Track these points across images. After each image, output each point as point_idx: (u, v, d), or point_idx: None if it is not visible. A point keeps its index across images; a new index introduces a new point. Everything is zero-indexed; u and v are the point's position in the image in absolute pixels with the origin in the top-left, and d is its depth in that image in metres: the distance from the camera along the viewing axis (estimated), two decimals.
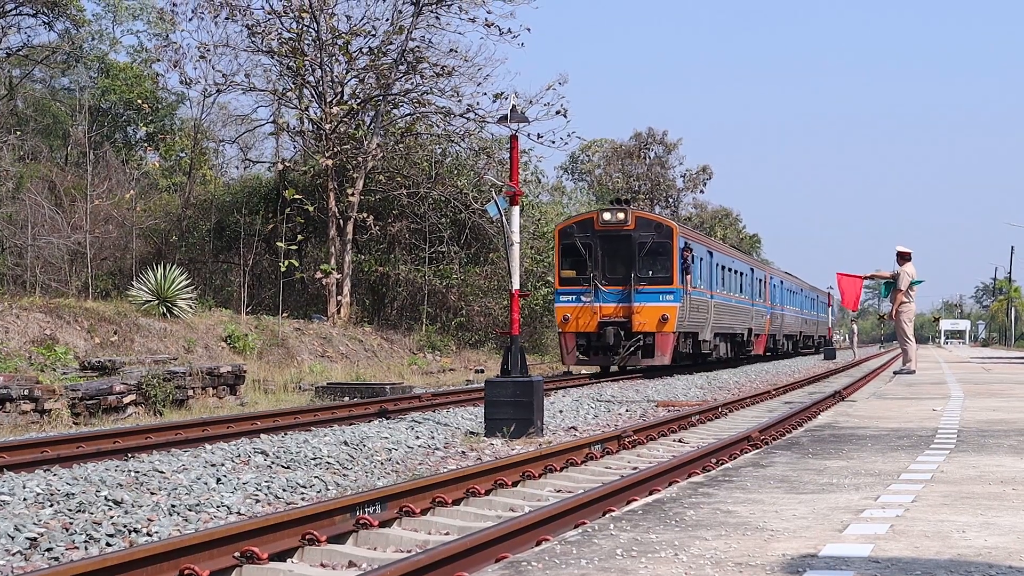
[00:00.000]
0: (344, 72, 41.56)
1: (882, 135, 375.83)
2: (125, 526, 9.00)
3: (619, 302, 31.47)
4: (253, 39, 40.48)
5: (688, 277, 32.41)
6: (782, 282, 57.56)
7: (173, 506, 9.79)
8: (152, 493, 10.31)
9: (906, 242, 30.63)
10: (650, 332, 31.22)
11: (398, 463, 13.37)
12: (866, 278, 26.08)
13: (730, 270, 41.63)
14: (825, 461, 8.76)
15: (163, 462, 11.93)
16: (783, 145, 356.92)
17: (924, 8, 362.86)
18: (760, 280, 49.67)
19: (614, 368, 33.15)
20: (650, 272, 31.48)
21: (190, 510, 9.78)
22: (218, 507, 9.98)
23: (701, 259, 35.16)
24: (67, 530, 8.75)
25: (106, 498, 9.80)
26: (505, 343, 17.29)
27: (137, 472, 11.17)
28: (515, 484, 11.70)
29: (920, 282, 23.17)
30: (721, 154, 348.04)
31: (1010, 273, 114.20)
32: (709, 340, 36.59)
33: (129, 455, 12.79)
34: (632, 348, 31.09)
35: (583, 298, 31.63)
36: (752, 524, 5.98)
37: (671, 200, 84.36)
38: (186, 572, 7.29)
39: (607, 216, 32.37)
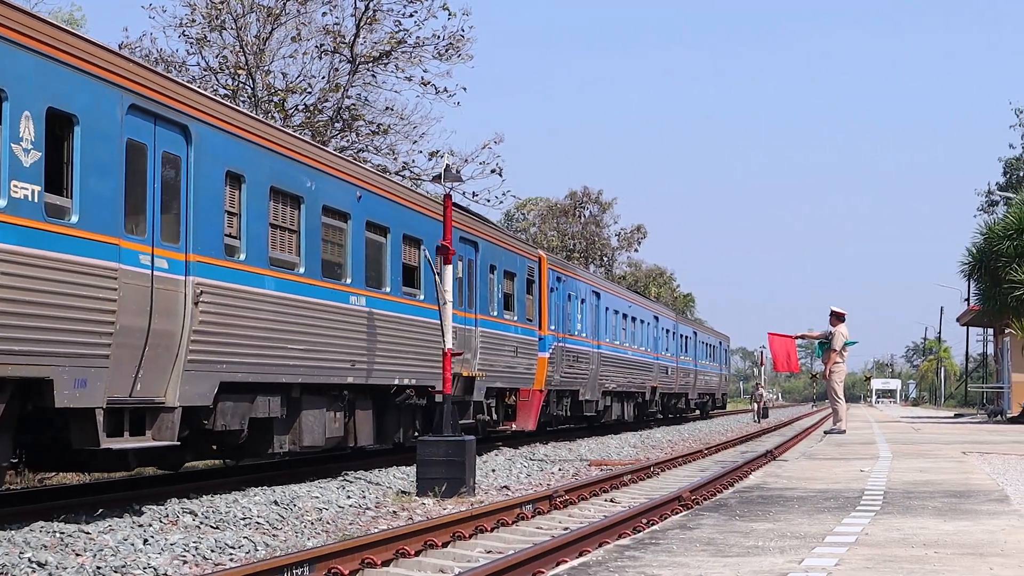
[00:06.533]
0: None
1: (814, 194, 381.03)
2: None
3: None
4: None
5: None
6: (598, 294, 35.14)
7: (99, 568, 9.67)
8: (77, 554, 10.17)
9: (838, 301, 30.69)
10: None
11: (328, 523, 13.29)
12: (797, 337, 26.44)
13: (344, 206, 17.14)
14: (752, 523, 8.83)
15: (89, 522, 11.78)
16: (717, 205, 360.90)
17: (859, 69, 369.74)
18: (523, 277, 26.27)
19: None
20: None
21: (116, 572, 9.65)
22: (144, 569, 9.86)
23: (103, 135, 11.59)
24: None
25: (30, 560, 9.66)
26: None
27: (62, 533, 11.02)
28: (445, 545, 11.67)
29: (854, 343, 23.47)
30: (656, 214, 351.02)
31: (940, 333, 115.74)
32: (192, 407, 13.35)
33: (54, 515, 12.61)
34: None
35: None
36: None
37: (606, 259, 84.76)
38: None
39: None
